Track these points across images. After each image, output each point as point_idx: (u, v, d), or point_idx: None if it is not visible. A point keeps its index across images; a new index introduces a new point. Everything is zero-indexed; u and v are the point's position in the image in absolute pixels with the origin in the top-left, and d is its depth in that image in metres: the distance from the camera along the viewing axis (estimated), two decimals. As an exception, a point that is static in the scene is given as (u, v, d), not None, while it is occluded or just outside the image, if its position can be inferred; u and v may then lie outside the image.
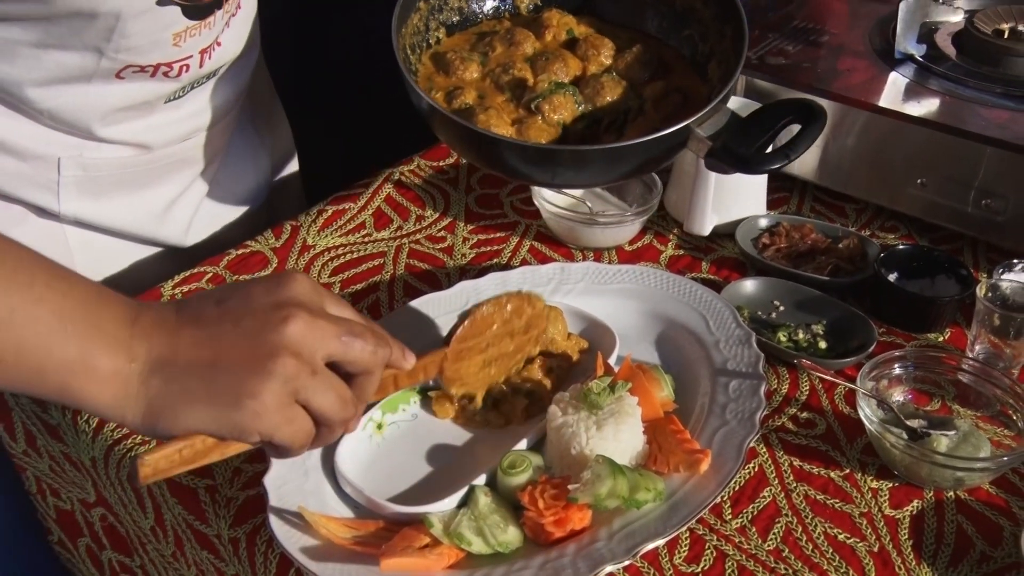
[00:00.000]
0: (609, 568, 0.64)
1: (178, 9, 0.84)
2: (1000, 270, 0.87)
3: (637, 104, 0.85)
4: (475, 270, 0.98)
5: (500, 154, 0.79)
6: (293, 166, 1.23)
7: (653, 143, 0.77)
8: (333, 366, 0.58)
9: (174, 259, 1.04)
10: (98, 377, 0.53)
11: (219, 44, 0.94)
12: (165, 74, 0.89)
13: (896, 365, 0.80)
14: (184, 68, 0.90)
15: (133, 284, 1.00)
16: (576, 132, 0.84)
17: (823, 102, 0.98)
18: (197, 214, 1.06)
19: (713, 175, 0.93)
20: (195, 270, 0.98)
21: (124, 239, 1.00)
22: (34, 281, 0.53)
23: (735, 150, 0.76)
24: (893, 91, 1.00)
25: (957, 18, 1.08)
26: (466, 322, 0.73)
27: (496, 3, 0.94)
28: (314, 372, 0.56)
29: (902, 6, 1.05)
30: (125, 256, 1.02)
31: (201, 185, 1.05)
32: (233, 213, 1.11)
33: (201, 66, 0.92)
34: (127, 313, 0.56)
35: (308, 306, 0.57)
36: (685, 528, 0.68)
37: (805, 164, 1.05)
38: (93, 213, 0.96)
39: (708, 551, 0.70)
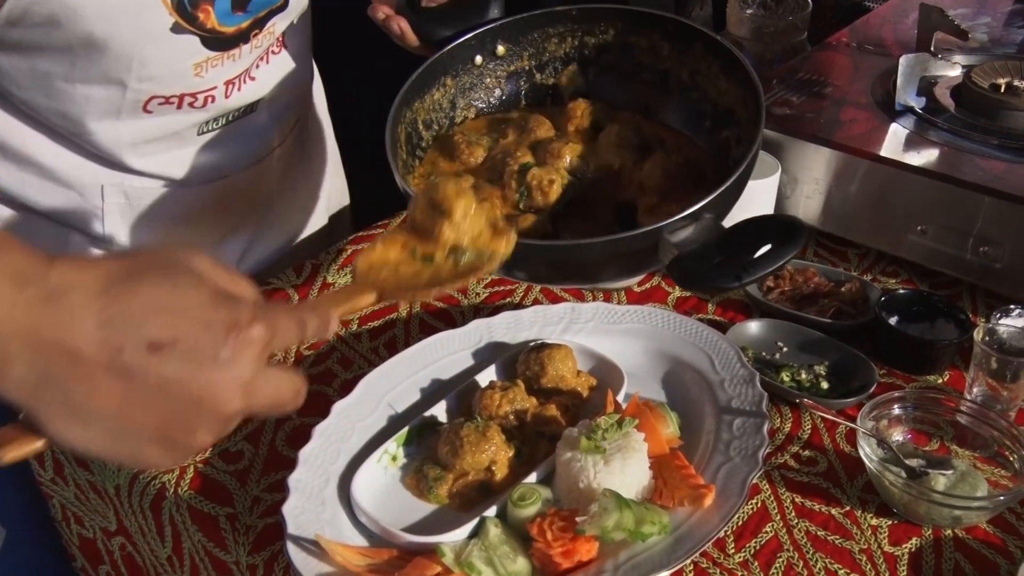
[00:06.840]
0: (615, 598, 0.66)
1: (197, 39, 0.86)
2: (997, 315, 0.90)
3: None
4: (488, 309, 1.01)
5: None
6: (344, 204, 1.25)
7: (617, 242, 0.67)
8: None
9: None
10: None
11: (252, 79, 0.95)
12: (191, 104, 0.91)
13: (896, 406, 0.83)
14: (209, 99, 0.92)
15: None
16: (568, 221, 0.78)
17: (826, 151, 1.04)
18: (248, 252, 1.08)
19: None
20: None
21: None
22: None
23: (688, 265, 0.65)
24: (894, 141, 1.04)
25: (955, 72, 1.12)
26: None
27: (526, 86, 0.90)
28: (228, 422, 0.49)
29: (903, 60, 1.09)
30: None
31: (251, 224, 1.07)
32: (283, 252, 1.12)
33: (227, 97, 0.93)
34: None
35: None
36: (689, 561, 0.71)
37: (809, 210, 1.08)
38: (138, 241, 0.97)
39: (711, 584, 0.72)
